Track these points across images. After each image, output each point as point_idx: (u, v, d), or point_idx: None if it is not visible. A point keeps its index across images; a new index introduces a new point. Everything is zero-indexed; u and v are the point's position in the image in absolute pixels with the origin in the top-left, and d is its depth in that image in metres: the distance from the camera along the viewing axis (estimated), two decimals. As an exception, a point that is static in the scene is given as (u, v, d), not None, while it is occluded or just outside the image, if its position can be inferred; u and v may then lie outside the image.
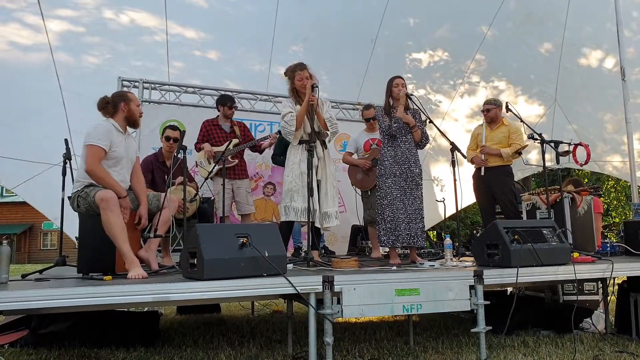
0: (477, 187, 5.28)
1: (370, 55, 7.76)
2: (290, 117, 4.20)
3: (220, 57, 7.53)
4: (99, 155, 3.24)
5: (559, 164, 4.31)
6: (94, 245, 3.35)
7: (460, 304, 3.05)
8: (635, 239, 4.25)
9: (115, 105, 3.45)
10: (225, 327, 4.69)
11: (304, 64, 4.33)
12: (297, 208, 4.16)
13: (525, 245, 3.35)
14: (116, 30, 6.67)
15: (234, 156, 5.27)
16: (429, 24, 7.81)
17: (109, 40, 6.81)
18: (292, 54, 7.13)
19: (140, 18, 6.73)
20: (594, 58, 7.77)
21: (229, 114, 5.40)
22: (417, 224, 4.03)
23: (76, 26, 6.44)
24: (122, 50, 6.99)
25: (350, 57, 7.76)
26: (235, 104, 5.53)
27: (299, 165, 4.22)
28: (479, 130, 5.37)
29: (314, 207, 4.03)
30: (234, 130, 5.37)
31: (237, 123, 5.51)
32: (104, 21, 6.57)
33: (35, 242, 29.11)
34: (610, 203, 18.00)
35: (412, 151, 4.19)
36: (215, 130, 5.33)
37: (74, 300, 2.45)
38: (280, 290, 2.79)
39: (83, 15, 6.40)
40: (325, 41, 7.34)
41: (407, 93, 4.23)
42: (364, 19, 7.46)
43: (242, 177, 5.37)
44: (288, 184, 4.26)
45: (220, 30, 7.22)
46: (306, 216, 4.08)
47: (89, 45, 6.72)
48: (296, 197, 4.18)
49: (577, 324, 4.30)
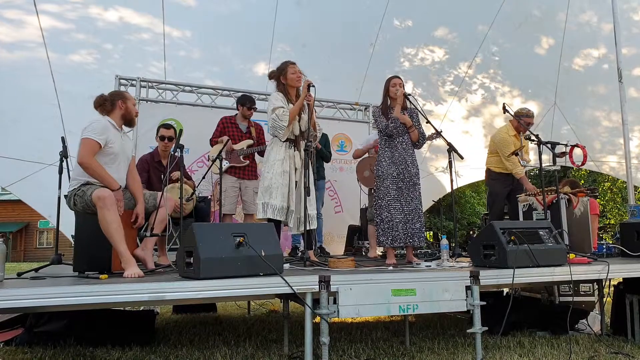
0: (500, 189, 5.38)
1: (369, 59, 7.76)
2: (283, 112, 4.08)
3: (217, 57, 7.54)
4: (93, 148, 3.23)
5: (556, 165, 4.32)
6: (90, 243, 3.33)
7: (456, 305, 3.05)
8: (631, 241, 4.25)
9: (113, 103, 3.44)
10: (221, 327, 4.69)
11: (293, 61, 4.28)
12: (275, 206, 4.04)
13: (522, 246, 3.36)
14: (108, 29, 6.62)
15: (245, 157, 5.26)
16: (428, 26, 7.82)
17: (99, 39, 6.76)
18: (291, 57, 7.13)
19: (138, 18, 6.71)
20: (591, 58, 7.80)
21: (248, 115, 5.39)
22: (414, 224, 4.03)
23: (65, 23, 6.39)
24: (116, 48, 6.96)
25: (349, 61, 7.77)
26: (254, 105, 5.50)
27: (282, 163, 4.13)
28: (516, 141, 5.32)
29: (294, 209, 4.02)
30: (251, 131, 5.36)
31: (255, 124, 5.49)
32: (97, 18, 6.53)
33: (31, 241, 29.00)
34: (607, 204, 18.07)
35: (409, 151, 4.19)
36: (232, 128, 5.32)
37: (70, 298, 2.44)
38: (277, 289, 2.78)
39: (67, 10, 6.33)
40: (324, 45, 7.33)
41: (405, 93, 4.23)
42: (362, 22, 7.48)
43: (251, 178, 5.33)
44: (268, 181, 4.10)
45: (217, 31, 7.21)
46: (283, 215, 4.05)
47: (78, 43, 6.67)
48: (275, 194, 4.06)
49: (572, 325, 4.31)
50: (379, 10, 7.34)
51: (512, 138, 5.29)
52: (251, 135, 5.35)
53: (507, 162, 5.21)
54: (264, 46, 7.36)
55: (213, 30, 7.21)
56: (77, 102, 6.22)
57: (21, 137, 6.51)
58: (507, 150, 5.17)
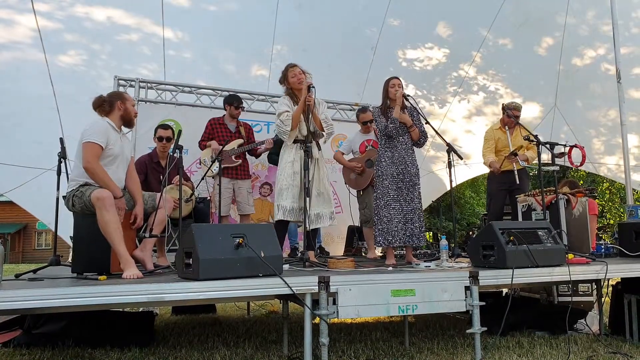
0: (497, 188, 5.38)
1: (370, 63, 7.77)
2: (286, 117, 4.21)
3: (218, 58, 7.53)
4: (97, 152, 3.23)
5: (555, 166, 4.32)
6: (89, 244, 3.32)
7: (455, 305, 3.05)
8: (630, 241, 4.26)
9: (112, 104, 3.44)
10: (220, 328, 4.68)
11: (294, 63, 4.37)
12: (286, 207, 4.17)
13: (521, 246, 3.36)
14: (98, 29, 6.57)
15: (237, 156, 5.26)
16: (427, 26, 7.82)
17: (92, 39, 6.71)
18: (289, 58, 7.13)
19: (130, 19, 6.69)
20: (589, 58, 7.81)
21: (236, 114, 5.41)
22: (413, 224, 4.02)
23: (56, 23, 6.33)
24: (115, 49, 6.93)
25: (349, 62, 7.77)
26: (242, 104, 5.52)
27: (292, 165, 4.25)
28: (499, 135, 5.43)
29: (305, 208, 4.02)
30: (240, 131, 5.37)
31: (244, 124, 5.51)
32: (84, 18, 6.49)
33: (29, 242, 28.96)
34: (605, 205, 18.08)
35: (408, 152, 4.19)
36: (220, 129, 5.33)
37: (68, 300, 2.44)
38: (276, 290, 2.78)
39: (54, 10, 6.28)
40: (323, 47, 7.32)
41: (404, 94, 4.23)
42: (362, 22, 7.48)
43: (244, 178, 5.36)
44: (280, 183, 4.27)
45: (218, 32, 7.21)
46: (293, 215, 4.12)
47: (71, 44, 6.63)
48: (285, 195, 4.19)
49: (571, 325, 4.32)
50: (377, 11, 7.34)
51: (496, 132, 5.47)
52: (241, 135, 5.35)
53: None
54: (263, 48, 7.35)
55: (212, 32, 7.19)
56: (75, 105, 6.21)
57: (18, 142, 6.46)
58: (485, 145, 5.51)
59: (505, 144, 5.37)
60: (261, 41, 7.30)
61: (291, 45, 7.39)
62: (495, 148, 5.45)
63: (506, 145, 5.36)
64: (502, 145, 5.39)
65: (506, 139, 5.36)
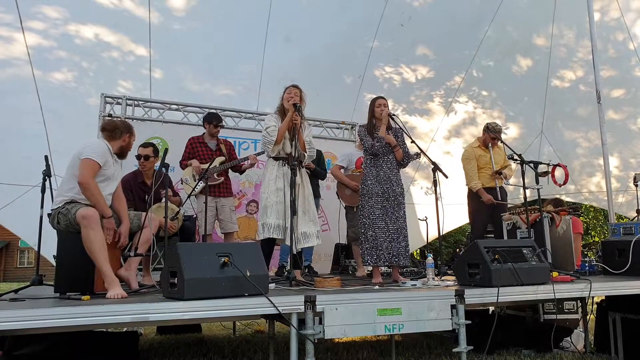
0: (480, 206, 5.40)
1: (359, 89, 7.87)
2: (273, 129, 4.25)
3: (209, 76, 7.58)
4: (95, 169, 3.25)
5: (538, 184, 4.38)
6: (73, 263, 3.28)
7: (441, 324, 3.06)
8: (613, 259, 4.30)
9: (121, 134, 3.50)
10: (206, 348, 4.62)
11: (296, 84, 4.42)
12: (270, 224, 4.14)
13: (506, 264, 3.39)
14: (87, 46, 6.60)
15: (219, 174, 5.25)
16: (412, 47, 7.95)
17: (82, 58, 6.74)
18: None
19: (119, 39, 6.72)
20: (569, 80, 8.00)
21: (215, 132, 5.39)
22: (399, 243, 4.04)
23: (48, 40, 6.35)
24: (101, 66, 6.93)
25: (338, 83, 7.88)
26: (221, 122, 5.52)
27: (275, 182, 4.24)
28: (479, 152, 5.49)
29: (289, 226, 4.02)
30: (220, 148, 5.36)
31: (224, 141, 5.50)
32: (85, 38, 6.53)
33: (11, 260, 28.32)
34: (589, 222, 18.29)
35: (394, 170, 4.22)
36: (201, 148, 5.31)
37: (51, 321, 2.40)
38: (262, 310, 2.77)
39: (49, 28, 6.31)
40: (313, 78, 7.40)
41: (390, 113, 4.29)
42: (344, 44, 7.61)
43: (227, 195, 5.34)
44: (264, 201, 4.25)
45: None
46: (279, 232, 4.09)
47: (62, 61, 6.62)
48: (269, 212, 4.17)
49: (557, 343, 4.33)
50: (363, 34, 7.48)
51: (476, 150, 5.52)
52: (222, 152, 5.34)
53: (466, 176, 5.49)
54: (254, 73, 7.42)
55: (201, 58, 7.26)
56: (62, 121, 6.16)
57: (3, 160, 6.37)
58: (468, 165, 5.49)
59: (486, 162, 5.44)
60: (250, 67, 7.36)
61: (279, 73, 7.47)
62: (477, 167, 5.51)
63: (487, 162, 5.43)
64: (484, 162, 5.45)
65: (487, 156, 5.45)
